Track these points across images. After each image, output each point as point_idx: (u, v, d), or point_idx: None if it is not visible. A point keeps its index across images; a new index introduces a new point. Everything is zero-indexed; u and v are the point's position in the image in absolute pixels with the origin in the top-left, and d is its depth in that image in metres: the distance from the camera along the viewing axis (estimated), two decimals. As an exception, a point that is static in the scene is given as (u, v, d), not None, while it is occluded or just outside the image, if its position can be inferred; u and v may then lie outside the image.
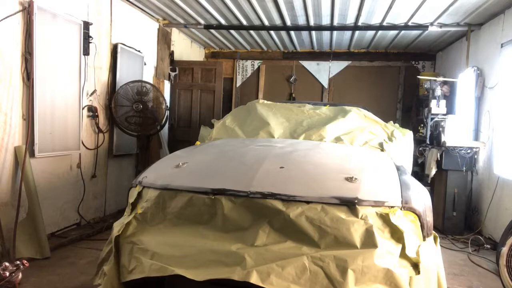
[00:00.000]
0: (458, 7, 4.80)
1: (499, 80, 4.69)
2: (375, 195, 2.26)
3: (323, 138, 3.54)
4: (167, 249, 2.20)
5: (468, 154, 4.89)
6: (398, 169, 2.73)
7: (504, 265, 3.11)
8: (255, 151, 2.99)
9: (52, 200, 3.99)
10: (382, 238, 2.10)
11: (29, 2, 3.50)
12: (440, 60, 7.21)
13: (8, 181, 3.45)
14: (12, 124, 3.46)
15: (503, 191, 4.42)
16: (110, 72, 4.88)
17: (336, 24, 5.86)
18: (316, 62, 7.76)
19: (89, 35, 4.33)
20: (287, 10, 5.33)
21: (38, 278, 3.12)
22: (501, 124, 4.60)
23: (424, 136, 5.70)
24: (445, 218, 4.96)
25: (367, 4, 4.89)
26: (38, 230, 3.52)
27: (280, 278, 1.98)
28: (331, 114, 3.94)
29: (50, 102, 3.84)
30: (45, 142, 3.80)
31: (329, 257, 2.04)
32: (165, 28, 6.18)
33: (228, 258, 2.10)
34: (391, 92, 7.62)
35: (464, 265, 3.88)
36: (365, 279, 1.99)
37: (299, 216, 2.17)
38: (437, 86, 5.65)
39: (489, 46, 5.04)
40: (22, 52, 3.52)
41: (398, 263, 2.07)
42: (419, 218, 2.26)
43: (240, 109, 4.40)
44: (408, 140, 3.81)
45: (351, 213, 2.17)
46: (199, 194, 2.35)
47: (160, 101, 5.13)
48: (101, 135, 4.74)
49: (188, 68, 6.73)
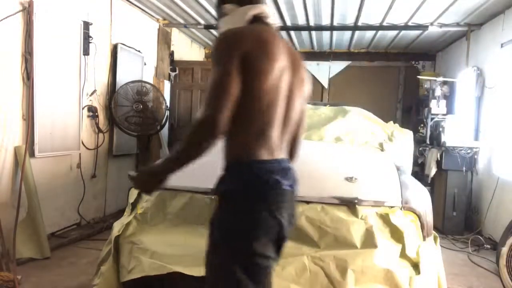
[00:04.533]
0: (458, 7, 4.80)
1: (499, 80, 4.69)
2: (375, 195, 2.26)
3: (323, 138, 3.55)
4: (167, 248, 2.20)
5: (468, 154, 4.89)
6: (398, 169, 2.73)
7: (504, 265, 3.11)
8: (255, 151, 2.98)
9: (52, 200, 3.99)
10: (382, 238, 2.10)
11: (29, 2, 3.50)
12: (440, 60, 7.21)
13: (8, 181, 3.45)
14: (12, 124, 3.46)
15: (503, 191, 4.42)
16: (110, 72, 4.88)
17: (336, 24, 5.86)
18: (316, 62, 7.75)
19: (89, 35, 4.32)
20: (287, 10, 5.33)
21: (38, 278, 3.12)
22: (501, 124, 4.60)
23: (424, 136, 5.70)
24: (445, 218, 4.95)
25: (367, 4, 4.89)
26: (38, 230, 3.52)
27: (280, 278, 1.97)
28: (331, 114, 3.94)
29: (50, 102, 3.84)
30: (45, 142, 3.80)
31: (329, 257, 2.04)
32: (165, 28, 6.17)
33: (228, 258, 2.10)
34: (391, 92, 7.62)
35: (464, 265, 3.88)
36: (365, 279, 1.99)
37: (299, 216, 2.17)
38: (437, 86, 5.65)
39: (489, 46, 5.04)
40: (22, 52, 3.52)
41: (398, 263, 2.07)
42: (419, 218, 2.26)
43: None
44: (408, 140, 3.81)
45: (351, 213, 2.17)
46: (199, 194, 2.35)
47: (160, 101, 5.13)
48: (101, 135, 4.73)
49: (188, 68, 6.72)
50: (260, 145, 1.34)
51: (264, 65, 1.32)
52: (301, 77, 1.49)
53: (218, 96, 1.26)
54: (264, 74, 1.32)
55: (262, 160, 1.34)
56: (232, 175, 1.36)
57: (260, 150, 1.34)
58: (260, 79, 1.31)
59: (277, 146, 1.39)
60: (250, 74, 1.30)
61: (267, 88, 1.32)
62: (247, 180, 1.33)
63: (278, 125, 1.38)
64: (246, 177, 1.33)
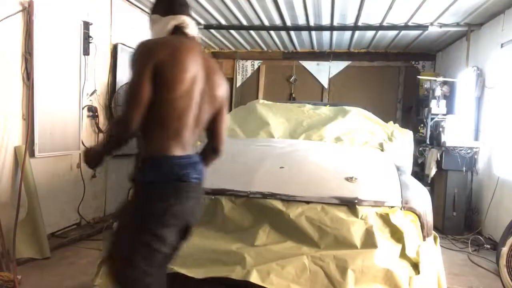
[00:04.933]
0: (458, 7, 4.80)
1: (499, 80, 4.69)
2: (375, 195, 2.26)
3: (323, 138, 3.55)
4: (167, 249, 2.20)
5: (468, 154, 4.89)
6: (398, 169, 2.73)
7: (504, 265, 3.11)
8: (255, 151, 2.99)
9: (52, 200, 3.99)
10: (382, 238, 2.11)
11: (29, 2, 3.50)
12: (440, 60, 7.21)
13: (8, 181, 3.45)
14: (12, 124, 3.46)
15: (503, 191, 4.42)
16: (110, 72, 4.88)
17: (336, 24, 5.86)
18: (316, 62, 7.75)
19: (89, 35, 4.32)
20: (287, 10, 5.33)
21: (38, 278, 3.12)
22: (501, 124, 4.60)
23: (424, 136, 5.70)
24: (445, 218, 4.95)
25: (367, 4, 4.89)
26: (38, 230, 3.52)
27: (280, 277, 1.98)
28: (331, 114, 3.94)
29: (50, 102, 3.84)
30: (45, 142, 3.80)
31: (329, 257, 2.04)
32: (165, 28, 6.17)
33: (228, 258, 2.10)
34: (391, 92, 7.61)
35: (464, 265, 3.88)
36: (365, 279, 2.00)
37: (299, 216, 2.17)
38: (437, 86, 5.65)
39: (489, 46, 5.04)
40: (22, 52, 3.51)
41: (398, 263, 2.07)
42: (419, 218, 2.26)
43: (240, 109, 4.40)
44: (408, 140, 3.81)
45: (351, 213, 2.17)
46: (199, 194, 2.35)
47: (160, 101, 5.12)
48: (101, 135, 4.73)
49: (188, 68, 6.71)
50: (174, 143, 1.55)
51: (176, 74, 1.50)
52: (215, 82, 1.68)
53: (130, 101, 1.50)
54: (176, 82, 1.50)
55: (175, 155, 1.55)
56: (149, 168, 1.55)
57: (174, 147, 1.54)
58: (173, 87, 1.50)
59: (189, 143, 1.61)
60: (163, 82, 1.49)
61: (179, 95, 1.51)
62: (161, 172, 1.53)
63: (190, 126, 1.58)
64: (161, 170, 1.53)
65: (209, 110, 1.68)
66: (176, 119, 1.53)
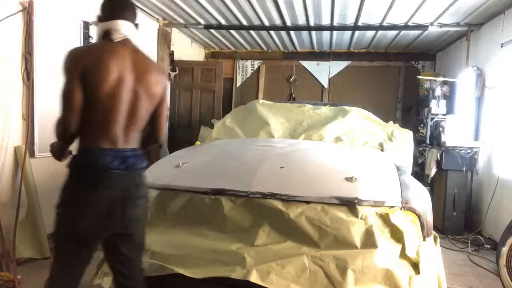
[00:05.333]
0: (458, 7, 4.80)
1: (499, 80, 4.69)
2: (375, 195, 2.26)
3: (323, 138, 3.55)
4: (167, 248, 2.21)
5: (468, 154, 4.89)
6: (398, 169, 2.73)
7: (504, 265, 3.11)
8: (255, 151, 2.99)
9: (52, 200, 3.93)
10: (382, 238, 2.10)
11: (29, 2, 3.50)
12: (440, 60, 7.21)
13: (8, 181, 3.45)
14: (12, 124, 3.46)
15: (503, 191, 4.42)
16: (110, 72, 4.87)
17: (336, 24, 5.85)
18: (316, 62, 7.74)
19: (89, 35, 4.32)
20: (287, 10, 5.33)
21: (38, 278, 3.11)
22: (501, 124, 4.60)
23: (424, 136, 5.70)
24: (445, 218, 4.95)
25: (367, 4, 4.89)
26: (38, 230, 3.52)
27: (280, 277, 1.98)
28: (331, 114, 3.95)
29: (50, 102, 3.82)
30: (45, 142, 3.79)
31: (329, 257, 2.04)
32: (165, 28, 6.17)
33: (228, 258, 2.10)
34: (391, 92, 7.61)
35: (464, 265, 3.88)
36: (365, 279, 2.00)
37: (299, 216, 2.17)
38: (437, 86, 5.65)
39: (489, 46, 5.04)
40: (22, 52, 3.51)
41: (398, 263, 2.07)
42: (419, 218, 2.26)
43: (240, 109, 4.40)
44: (408, 140, 3.81)
45: (351, 213, 2.17)
46: (199, 194, 2.35)
47: (160, 101, 5.12)
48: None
49: (188, 68, 6.72)
50: (101, 137, 1.71)
51: (99, 77, 1.67)
52: (150, 81, 1.80)
53: (64, 106, 1.71)
54: (99, 84, 1.67)
55: (100, 148, 1.71)
56: (77, 157, 1.75)
57: (100, 140, 1.71)
58: (97, 88, 1.67)
59: (120, 138, 1.74)
60: (89, 85, 1.68)
61: (103, 94, 1.68)
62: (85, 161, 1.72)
63: (120, 122, 1.73)
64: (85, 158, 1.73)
65: (147, 106, 1.82)
66: (102, 116, 1.70)
